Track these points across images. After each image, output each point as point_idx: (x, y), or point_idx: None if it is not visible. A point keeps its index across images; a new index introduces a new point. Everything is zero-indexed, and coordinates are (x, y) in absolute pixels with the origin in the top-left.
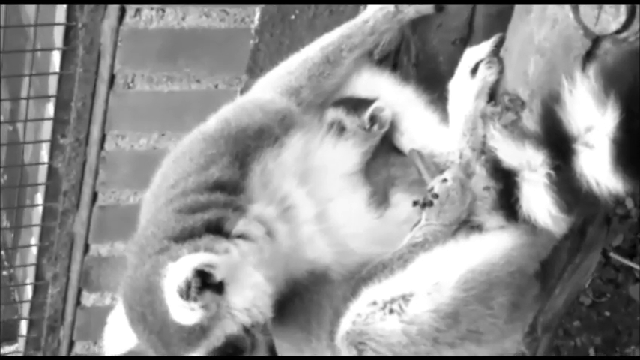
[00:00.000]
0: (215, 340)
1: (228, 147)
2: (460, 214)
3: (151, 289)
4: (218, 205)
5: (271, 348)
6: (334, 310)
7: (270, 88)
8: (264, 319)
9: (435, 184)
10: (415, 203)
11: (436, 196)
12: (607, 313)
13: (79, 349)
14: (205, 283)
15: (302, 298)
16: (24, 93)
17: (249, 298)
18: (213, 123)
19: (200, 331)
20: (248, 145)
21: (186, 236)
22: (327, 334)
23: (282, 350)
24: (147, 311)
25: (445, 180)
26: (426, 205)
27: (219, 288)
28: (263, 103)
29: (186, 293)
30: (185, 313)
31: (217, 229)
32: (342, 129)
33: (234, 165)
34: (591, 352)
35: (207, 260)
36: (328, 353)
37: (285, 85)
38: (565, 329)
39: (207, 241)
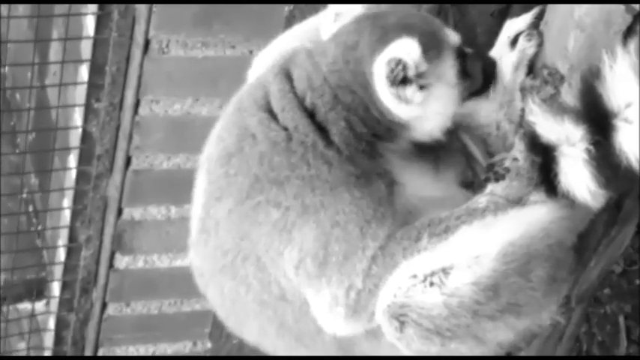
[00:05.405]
0: None
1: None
2: (524, 195)
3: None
4: None
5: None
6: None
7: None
8: None
9: (507, 160)
10: (487, 179)
11: (508, 170)
12: (637, 282)
13: (111, 311)
14: None
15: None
16: (52, 57)
17: None
18: None
19: None
20: None
21: None
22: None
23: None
24: None
25: (516, 159)
26: (498, 178)
27: None
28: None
29: None
30: None
31: None
32: None
33: None
34: (621, 321)
35: None
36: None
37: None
38: (595, 297)
39: None
